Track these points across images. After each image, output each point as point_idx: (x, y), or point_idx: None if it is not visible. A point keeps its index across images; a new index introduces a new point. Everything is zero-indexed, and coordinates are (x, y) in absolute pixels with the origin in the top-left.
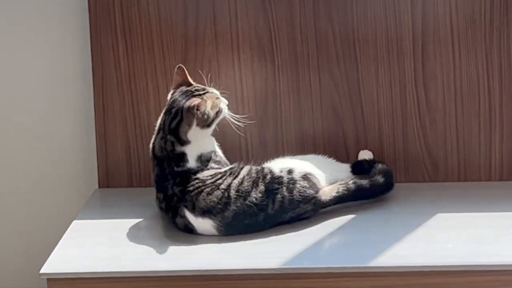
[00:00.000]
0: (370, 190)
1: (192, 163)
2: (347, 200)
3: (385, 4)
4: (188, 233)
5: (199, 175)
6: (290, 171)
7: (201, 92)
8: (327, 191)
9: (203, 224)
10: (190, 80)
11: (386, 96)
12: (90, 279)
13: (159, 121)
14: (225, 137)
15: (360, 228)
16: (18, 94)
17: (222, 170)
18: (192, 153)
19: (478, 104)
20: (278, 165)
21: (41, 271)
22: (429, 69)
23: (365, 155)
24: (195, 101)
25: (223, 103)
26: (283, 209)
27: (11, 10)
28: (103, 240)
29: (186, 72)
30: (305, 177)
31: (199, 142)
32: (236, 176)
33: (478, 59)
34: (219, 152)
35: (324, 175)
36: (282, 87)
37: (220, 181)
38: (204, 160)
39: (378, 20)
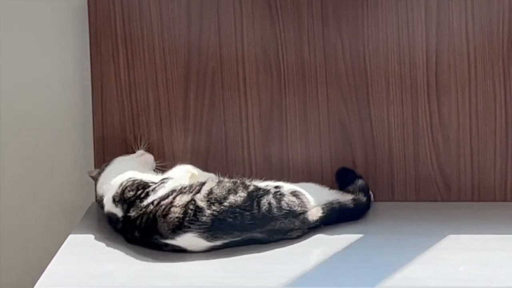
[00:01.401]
0: (353, 209)
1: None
2: (333, 221)
3: (398, 13)
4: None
5: (136, 210)
6: (277, 186)
7: None
8: (314, 211)
9: (185, 239)
10: None
11: (396, 110)
12: None
13: None
14: (228, 152)
15: (368, 249)
16: (14, 102)
17: (160, 192)
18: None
19: (494, 120)
20: (264, 183)
21: (36, 286)
22: (442, 82)
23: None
24: None
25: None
26: (272, 215)
27: (9, 16)
28: (100, 255)
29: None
30: (294, 193)
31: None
32: (198, 191)
33: (495, 73)
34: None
35: (314, 198)
36: (288, 100)
37: (166, 200)
38: (124, 199)
39: (390, 30)
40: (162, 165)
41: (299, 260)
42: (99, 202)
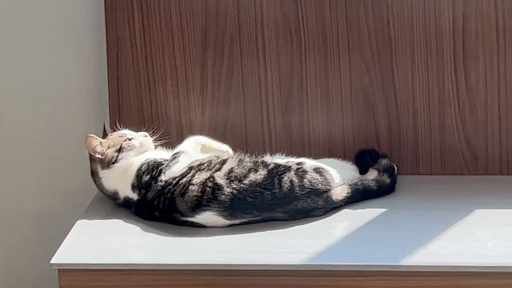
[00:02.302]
0: (376, 192)
1: (133, 195)
2: (354, 201)
3: None
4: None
5: (148, 194)
6: (299, 163)
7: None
8: (338, 191)
9: (204, 217)
10: (108, 133)
11: (422, 79)
12: (102, 270)
13: None
14: (247, 122)
15: (392, 224)
16: (28, 71)
17: (177, 170)
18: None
19: None
20: (284, 160)
21: (52, 261)
22: (469, 49)
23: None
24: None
25: (135, 140)
26: (294, 194)
27: None
28: (115, 230)
29: (106, 126)
30: (318, 170)
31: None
32: (218, 170)
33: None
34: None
35: (339, 175)
36: (309, 69)
37: (184, 179)
38: (142, 184)
39: None
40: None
41: (322, 235)
42: (111, 196)
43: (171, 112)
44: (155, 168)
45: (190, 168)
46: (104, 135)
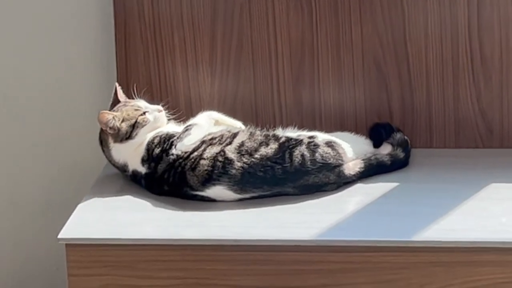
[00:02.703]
0: (390, 166)
1: (142, 168)
2: (367, 176)
3: None
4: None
5: (159, 167)
6: (311, 136)
7: (119, 107)
8: (351, 165)
9: (214, 192)
10: (120, 98)
11: (435, 49)
12: (109, 245)
13: None
14: (257, 95)
15: (404, 198)
16: (35, 44)
17: (189, 144)
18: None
19: None
20: (296, 133)
21: (59, 236)
22: (484, 19)
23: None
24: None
25: (149, 114)
26: (305, 169)
27: None
28: (123, 205)
29: (118, 90)
30: (330, 144)
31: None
32: (230, 143)
33: None
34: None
35: (351, 149)
36: (320, 39)
37: (195, 153)
38: (152, 157)
39: None
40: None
41: (333, 210)
42: (120, 167)
43: (180, 85)
44: (166, 141)
45: (202, 142)
46: (115, 101)
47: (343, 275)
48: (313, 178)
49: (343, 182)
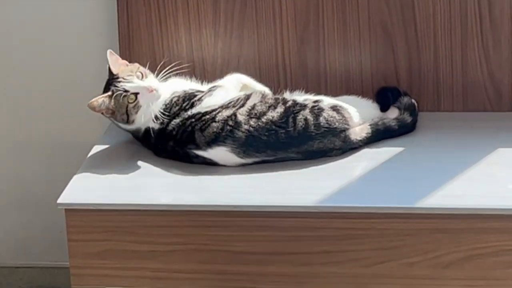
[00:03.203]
0: (397, 131)
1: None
2: (373, 141)
3: None
4: (211, 165)
5: (172, 123)
6: (317, 100)
7: (110, 86)
8: (357, 130)
9: (217, 152)
10: (113, 68)
11: (443, 12)
12: (110, 210)
13: None
14: (261, 57)
15: (409, 164)
16: (35, 8)
17: (209, 104)
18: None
19: None
20: (303, 97)
21: (59, 201)
22: None
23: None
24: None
25: (141, 98)
26: (309, 134)
27: None
28: (124, 169)
29: (110, 59)
30: (335, 108)
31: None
32: (242, 106)
33: None
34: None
35: (358, 114)
36: (325, 1)
37: (208, 116)
38: (168, 115)
39: None
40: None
41: (337, 175)
42: (133, 132)
43: (183, 47)
44: (187, 100)
45: (221, 107)
46: (110, 73)
47: (346, 242)
48: (317, 144)
49: (349, 147)
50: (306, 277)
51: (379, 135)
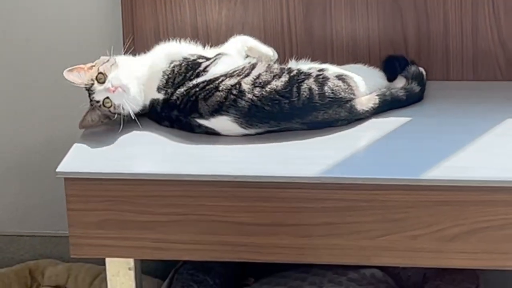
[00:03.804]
0: (405, 101)
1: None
2: (380, 112)
3: None
4: (214, 135)
5: (176, 93)
6: (322, 69)
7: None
8: (364, 101)
9: (219, 122)
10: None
11: None
12: (109, 180)
13: None
14: (266, 24)
15: (416, 134)
16: None
17: (199, 80)
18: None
19: None
20: (307, 65)
21: (58, 169)
22: None
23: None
24: None
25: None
26: (313, 104)
27: None
28: (124, 138)
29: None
30: (340, 77)
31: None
32: (247, 75)
33: None
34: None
35: (364, 83)
36: None
37: (211, 85)
38: (172, 84)
39: None
40: None
41: (341, 146)
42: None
43: (186, 13)
44: (190, 70)
45: (225, 75)
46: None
47: (349, 213)
48: (322, 115)
49: (355, 118)
50: (308, 249)
51: (387, 105)
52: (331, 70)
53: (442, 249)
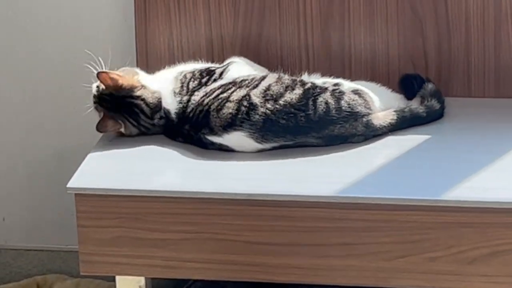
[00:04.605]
0: (425, 118)
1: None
2: (399, 129)
3: None
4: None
5: (191, 101)
6: (336, 83)
7: None
8: (380, 116)
9: (233, 138)
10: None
11: None
12: (120, 196)
13: None
14: (282, 37)
15: (435, 153)
16: None
17: (216, 84)
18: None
19: None
20: (321, 80)
21: (68, 185)
22: None
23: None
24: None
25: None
26: (330, 118)
27: None
28: (136, 154)
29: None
30: (356, 92)
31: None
32: (256, 87)
33: None
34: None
35: (378, 99)
36: None
37: (224, 94)
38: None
39: None
40: None
41: (358, 164)
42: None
43: (201, 25)
44: (205, 76)
45: (233, 83)
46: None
47: (366, 234)
48: (338, 129)
49: (372, 134)
50: (324, 270)
51: (406, 122)
52: (346, 85)
53: (462, 272)
